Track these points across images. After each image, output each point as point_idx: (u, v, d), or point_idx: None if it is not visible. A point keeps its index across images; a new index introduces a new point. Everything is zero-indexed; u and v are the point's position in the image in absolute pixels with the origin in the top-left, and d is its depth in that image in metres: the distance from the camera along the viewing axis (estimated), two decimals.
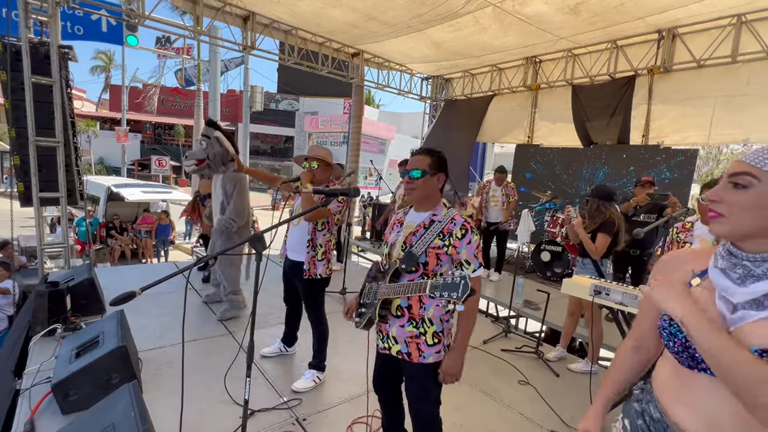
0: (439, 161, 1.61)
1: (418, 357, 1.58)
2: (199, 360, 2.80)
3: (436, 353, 1.58)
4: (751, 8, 4.48)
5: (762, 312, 0.76)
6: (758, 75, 4.71)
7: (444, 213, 1.61)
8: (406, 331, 1.59)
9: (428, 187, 1.60)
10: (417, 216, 1.66)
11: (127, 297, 1.21)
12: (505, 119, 7.71)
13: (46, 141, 4.22)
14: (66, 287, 2.96)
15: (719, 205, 0.79)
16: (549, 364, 3.20)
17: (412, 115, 25.91)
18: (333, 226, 2.63)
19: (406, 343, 1.59)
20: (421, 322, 1.58)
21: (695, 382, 0.84)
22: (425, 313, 1.58)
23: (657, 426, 0.92)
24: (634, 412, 1.00)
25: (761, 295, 0.76)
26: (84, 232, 8.49)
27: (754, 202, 0.75)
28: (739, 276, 0.78)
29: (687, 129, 5.44)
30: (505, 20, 5.11)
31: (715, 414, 0.81)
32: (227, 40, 6.12)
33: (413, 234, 1.61)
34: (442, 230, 1.56)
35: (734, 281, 0.79)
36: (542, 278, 5.67)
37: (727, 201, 0.78)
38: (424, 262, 1.56)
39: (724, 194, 0.79)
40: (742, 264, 0.78)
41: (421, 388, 1.63)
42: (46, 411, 2.07)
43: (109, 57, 27.24)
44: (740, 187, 0.76)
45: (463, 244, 1.53)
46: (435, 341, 1.58)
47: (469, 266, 1.54)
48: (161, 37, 19.11)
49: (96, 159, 22.55)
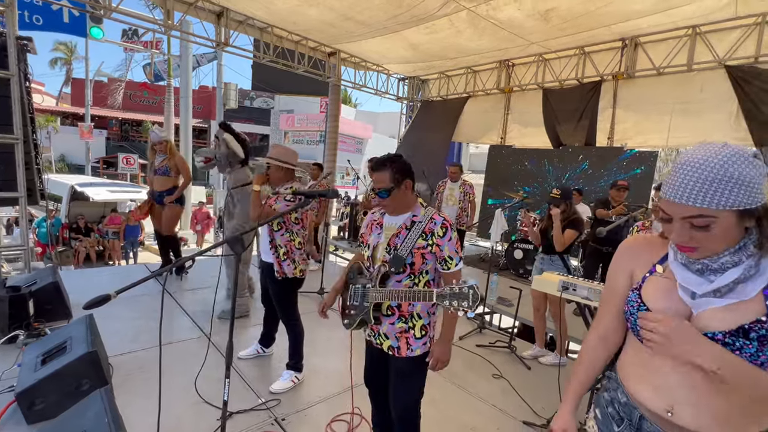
0: (399, 169, 1.61)
1: (406, 350, 1.64)
2: (173, 363, 2.74)
3: (423, 345, 1.65)
4: (705, 20, 4.80)
5: (721, 300, 0.85)
6: (710, 83, 5.05)
7: (423, 213, 1.65)
8: (397, 327, 1.64)
9: (399, 199, 1.63)
10: (397, 218, 1.68)
11: (102, 300, 1.19)
12: (479, 120, 7.89)
13: (4, 138, 3.99)
14: (29, 292, 2.83)
15: (691, 242, 0.86)
16: (521, 358, 3.33)
17: (389, 115, 26.00)
18: (292, 225, 2.56)
19: (396, 338, 1.65)
20: (410, 317, 1.64)
21: (659, 361, 0.93)
22: (413, 308, 1.64)
23: (625, 409, 1.00)
24: (603, 401, 1.07)
25: (719, 285, 0.85)
26: (45, 234, 8.06)
27: (722, 234, 0.83)
28: (698, 270, 0.88)
29: (648, 132, 5.77)
30: (480, 24, 5.24)
31: (673, 388, 0.90)
32: (200, 36, 5.97)
33: (396, 236, 1.63)
34: (424, 230, 1.60)
35: (695, 273, 0.88)
36: (515, 275, 5.85)
37: (695, 238, 0.85)
38: (411, 262, 1.60)
39: (691, 235, 0.85)
40: (701, 261, 0.87)
41: (408, 379, 1.69)
42: (9, 421, 1.98)
43: (70, 49, 25.79)
44: (701, 228, 0.83)
45: (445, 242, 1.58)
46: (422, 333, 1.65)
47: (451, 261, 1.61)
48: (128, 29, 18.29)
49: (57, 156, 21.35)
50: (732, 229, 0.82)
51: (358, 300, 1.69)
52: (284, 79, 22.25)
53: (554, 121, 6.56)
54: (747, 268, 0.83)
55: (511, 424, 2.45)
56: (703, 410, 0.87)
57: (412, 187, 1.65)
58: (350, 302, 1.74)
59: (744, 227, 0.83)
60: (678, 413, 0.89)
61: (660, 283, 0.95)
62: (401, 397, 1.71)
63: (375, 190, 1.63)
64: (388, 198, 1.61)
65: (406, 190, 1.63)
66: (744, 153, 0.81)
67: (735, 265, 0.84)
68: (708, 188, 0.80)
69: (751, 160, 0.80)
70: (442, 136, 8.30)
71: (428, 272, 1.65)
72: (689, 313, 0.90)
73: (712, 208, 0.80)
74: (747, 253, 0.84)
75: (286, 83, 24.34)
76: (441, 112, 8.32)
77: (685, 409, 0.88)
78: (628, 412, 0.99)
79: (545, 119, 6.67)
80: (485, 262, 6.70)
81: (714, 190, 0.79)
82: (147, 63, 19.29)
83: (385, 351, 1.68)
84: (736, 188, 0.78)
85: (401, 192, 1.62)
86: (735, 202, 0.79)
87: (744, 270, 0.83)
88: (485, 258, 7.06)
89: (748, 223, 0.83)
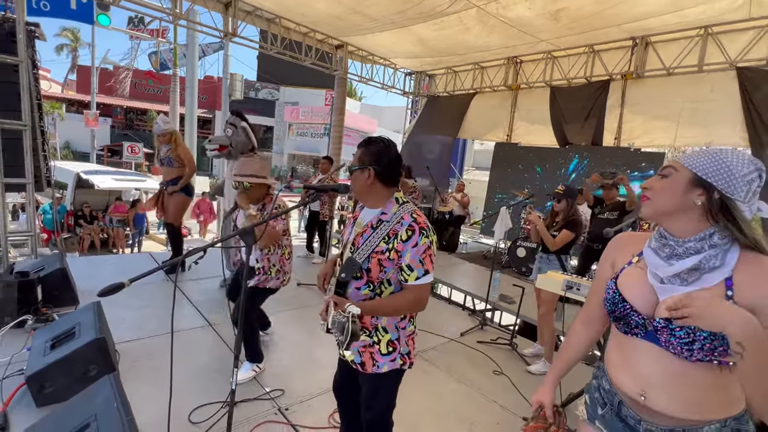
0: (368, 153, 1.41)
1: (371, 367, 1.46)
2: (178, 351, 2.78)
3: (390, 362, 1.46)
4: (718, 21, 4.75)
5: (685, 287, 0.91)
6: (721, 84, 5.01)
7: (394, 211, 1.42)
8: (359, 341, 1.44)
9: (358, 184, 1.42)
10: (368, 213, 1.49)
11: (116, 288, 1.21)
12: (485, 117, 7.86)
13: (12, 124, 4.00)
14: (37, 277, 2.86)
15: (648, 191, 0.98)
16: (522, 356, 3.35)
17: (394, 109, 25.90)
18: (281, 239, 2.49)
19: (359, 353, 1.47)
20: (374, 331, 1.46)
21: (631, 347, 0.99)
22: (378, 321, 1.45)
23: (608, 396, 1.07)
24: (592, 388, 1.16)
25: (683, 271, 0.91)
26: (50, 220, 8.11)
27: (670, 185, 0.94)
28: (666, 255, 0.94)
29: (655, 131, 5.74)
30: (489, 22, 5.20)
31: (648, 374, 0.95)
32: (207, 26, 5.95)
33: (360, 235, 1.45)
34: (388, 232, 1.38)
35: (662, 258, 0.95)
36: (518, 273, 5.87)
37: (653, 188, 0.97)
38: (367, 268, 1.39)
39: (652, 183, 0.98)
40: (669, 244, 0.94)
41: (375, 395, 1.55)
42: (19, 403, 2.02)
43: (75, 35, 25.74)
44: (663, 177, 0.96)
45: (407, 247, 1.34)
46: (390, 350, 1.46)
47: (410, 272, 1.35)
48: (134, 17, 18.23)
49: (62, 143, 21.41)
50: (679, 187, 0.91)
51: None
52: (290, 71, 22.19)
53: (561, 120, 6.53)
54: (707, 258, 0.88)
55: (510, 420, 2.48)
56: (674, 395, 0.92)
57: (380, 178, 1.41)
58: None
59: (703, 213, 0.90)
60: (650, 397, 0.94)
61: (633, 273, 1.02)
62: (369, 410, 1.57)
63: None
64: (351, 176, 1.45)
65: (368, 178, 1.40)
66: (749, 155, 0.89)
67: (697, 252, 0.90)
68: (697, 155, 0.91)
69: (749, 160, 0.88)
70: (448, 133, 8.28)
71: (391, 283, 1.42)
72: (656, 299, 0.95)
73: (681, 163, 0.93)
74: (710, 243, 0.89)
75: (292, 75, 24.28)
76: (447, 107, 8.29)
77: (657, 393, 0.94)
78: (610, 398, 1.06)
79: (552, 117, 6.64)
80: (488, 259, 6.71)
81: (698, 156, 0.91)
82: (153, 51, 19.24)
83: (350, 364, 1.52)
84: (712, 162, 0.88)
85: (362, 177, 1.40)
86: (699, 167, 0.89)
87: (703, 259, 0.89)
88: (488, 255, 7.08)
89: (697, 196, 0.89)
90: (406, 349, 1.50)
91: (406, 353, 1.50)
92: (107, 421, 1.49)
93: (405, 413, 2.36)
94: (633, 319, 0.97)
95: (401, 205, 1.44)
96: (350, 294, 1.43)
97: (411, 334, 1.53)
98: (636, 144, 5.89)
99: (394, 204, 1.44)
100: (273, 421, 2.20)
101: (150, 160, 22.80)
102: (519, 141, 7.40)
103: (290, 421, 2.22)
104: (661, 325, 0.92)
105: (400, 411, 1.64)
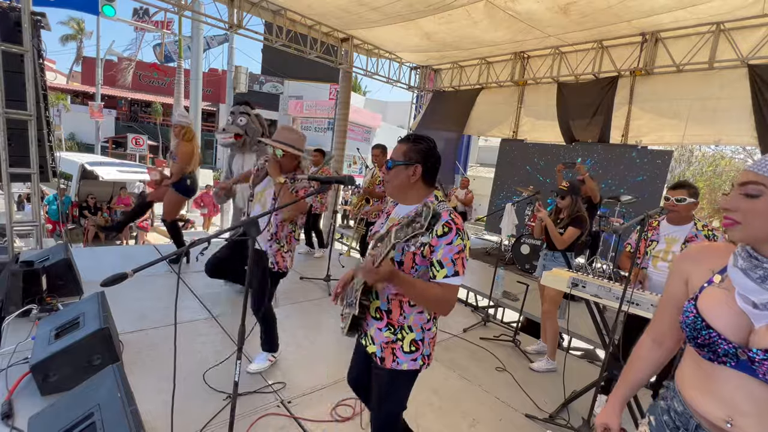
0: (416, 150, 1.42)
1: (391, 363, 1.45)
2: (182, 343, 2.78)
3: (412, 361, 1.46)
4: (731, 17, 4.67)
5: None
6: (732, 82, 4.94)
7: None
8: (383, 336, 1.46)
9: (399, 179, 1.43)
10: (403, 209, 1.50)
11: (119, 278, 1.20)
12: (491, 113, 7.80)
13: (18, 114, 4.01)
14: (42, 267, 2.87)
15: (734, 214, 0.85)
16: (525, 353, 3.34)
17: (399, 104, 25.78)
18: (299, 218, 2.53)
19: (381, 347, 1.46)
20: (400, 329, 1.45)
21: (719, 373, 0.89)
22: (405, 321, 1.44)
23: (681, 418, 0.97)
24: (659, 410, 1.05)
25: None
26: (55, 211, 8.16)
27: (766, 209, 0.80)
28: (760, 277, 0.82)
29: (663, 129, 5.68)
30: (497, 15, 5.14)
31: (738, 401, 0.86)
32: (212, 17, 5.92)
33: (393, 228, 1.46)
34: None
35: (755, 281, 0.83)
36: (521, 270, 5.84)
37: (741, 209, 0.84)
38: (400, 260, 1.39)
39: (737, 203, 0.84)
40: (763, 267, 0.82)
41: (389, 391, 1.53)
42: (23, 392, 2.03)
43: (79, 25, 25.69)
44: (751, 196, 0.82)
45: (441, 243, 1.32)
46: (413, 349, 1.45)
47: (440, 269, 1.32)
48: (139, 8, 18.19)
49: (67, 134, 21.48)
50: None
51: (351, 296, 1.53)
52: (294, 65, 22.09)
53: (568, 116, 6.47)
54: None
55: (513, 416, 2.47)
56: (765, 421, 0.83)
57: (424, 176, 1.44)
58: (346, 301, 1.58)
59: None
60: (738, 424, 0.85)
61: (717, 294, 0.90)
62: (380, 408, 1.56)
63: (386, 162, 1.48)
64: (390, 171, 1.44)
65: (413, 175, 1.42)
66: None
67: None
68: None
69: None
70: (453, 128, 8.23)
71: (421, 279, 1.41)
72: (750, 326, 0.84)
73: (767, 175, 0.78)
74: None
75: (296, 68, 24.17)
76: (452, 103, 8.23)
77: (746, 420, 0.84)
78: (684, 421, 0.96)
79: (559, 113, 6.57)
80: (491, 256, 6.69)
81: None
82: (157, 43, 19.21)
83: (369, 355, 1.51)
84: None
85: (405, 173, 1.42)
86: None
87: None
88: (491, 252, 7.05)
89: None
90: (428, 350, 1.49)
91: (427, 355, 1.49)
92: (111, 410, 1.50)
93: (406, 408, 2.37)
94: (721, 347, 0.85)
95: (439, 203, 1.43)
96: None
97: (434, 336, 1.52)
98: (643, 141, 5.83)
99: (434, 201, 1.43)
100: (275, 413, 2.21)
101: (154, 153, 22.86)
102: (525, 137, 7.35)
103: (293, 414, 2.22)
104: (759, 357, 0.80)
105: None
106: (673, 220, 2.38)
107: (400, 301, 1.44)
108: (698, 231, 2.29)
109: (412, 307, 1.43)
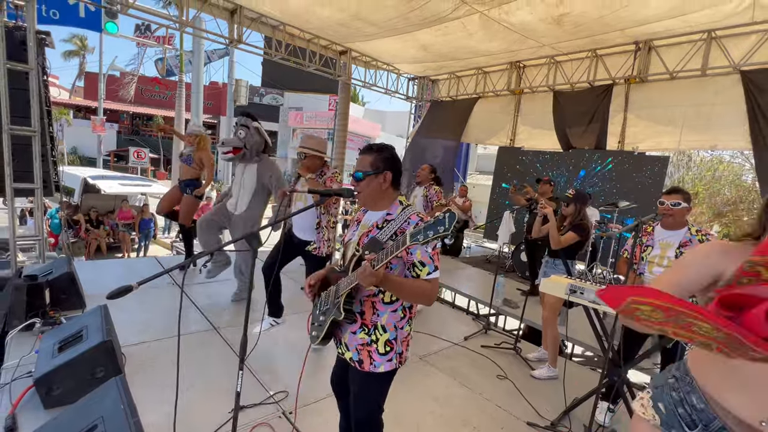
0: (382, 158, 1.49)
1: (369, 365, 1.50)
2: (184, 355, 2.78)
3: (387, 362, 1.50)
4: (722, 25, 4.75)
5: None
6: (725, 88, 5.00)
7: (399, 212, 1.50)
8: (358, 338, 1.50)
9: (371, 188, 1.50)
10: (372, 215, 1.57)
11: (124, 291, 1.23)
12: (488, 121, 7.88)
13: (22, 130, 4.08)
14: (45, 281, 2.90)
15: None
16: (526, 360, 3.34)
17: (397, 114, 25.98)
18: (331, 205, 3.13)
19: (357, 350, 1.51)
20: (374, 329, 1.49)
21: (747, 368, 0.85)
22: (378, 319, 1.49)
23: (701, 416, 0.94)
24: (672, 400, 1.01)
25: None
26: (57, 225, 8.21)
27: None
28: None
29: (659, 135, 5.73)
30: (492, 27, 5.24)
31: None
32: (213, 33, 6.03)
33: (366, 234, 1.51)
34: (396, 231, 1.45)
35: None
36: (522, 278, 5.85)
37: None
38: None
39: None
40: None
41: (366, 394, 1.58)
42: (27, 406, 2.04)
43: (82, 41, 26.12)
44: None
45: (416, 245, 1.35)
46: (387, 349, 1.49)
47: (422, 267, 1.40)
48: (141, 24, 18.52)
49: (69, 149, 21.69)
50: None
51: (328, 304, 1.55)
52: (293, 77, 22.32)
53: (564, 124, 6.53)
54: None
55: (515, 424, 2.47)
56: None
57: (393, 182, 1.51)
58: (320, 309, 1.60)
59: None
60: None
61: None
62: (358, 409, 1.60)
63: (352, 174, 1.54)
64: (361, 182, 1.50)
65: (383, 182, 1.49)
66: None
67: None
68: None
69: None
70: (451, 137, 8.30)
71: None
72: None
73: None
74: None
75: (295, 80, 24.45)
76: (450, 112, 8.32)
77: None
78: (705, 420, 0.93)
79: (555, 121, 6.64)
80: (491, 263, 6.70)
81: None
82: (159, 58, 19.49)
83: (347, 361, 1.56)
84: None
85: (376, 181, 1.49)
86: None
87: None
88: (491, 260, 7.06)
89: None
90: (400, 349, 1.54)
91: (400, 353, 1.54)
92: (114, 423, 1.51)
93: (407, 416, 2.37)
94: None
95: (405, 207, 1.51)
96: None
97: (407, 335, 1.58)
98: (640, 148, 5.88)
99: (399, 206, 1.52)
100: (268, 424, 2.21)
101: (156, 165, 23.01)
102: (522, 145, 7.41)
103: (294, 424, 2.22)
104: None
105: (402, 414, 1.64)
106: (667, 225, 2.41)
107: (372, 302, 1.50)
108: (692, 236, 2.32)
109: (386, 305, 1.50)
